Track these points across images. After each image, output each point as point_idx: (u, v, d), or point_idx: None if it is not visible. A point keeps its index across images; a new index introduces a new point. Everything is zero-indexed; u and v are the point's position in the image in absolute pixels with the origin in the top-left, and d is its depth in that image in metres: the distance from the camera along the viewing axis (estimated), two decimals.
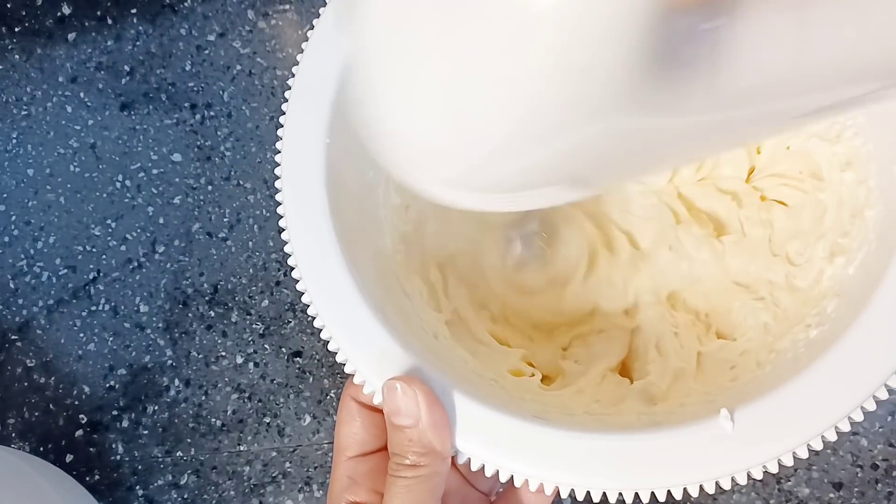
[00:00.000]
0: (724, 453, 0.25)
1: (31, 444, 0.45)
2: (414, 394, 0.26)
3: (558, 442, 0.26)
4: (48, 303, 0.46)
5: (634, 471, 0.25)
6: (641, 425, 0.27)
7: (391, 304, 0.30)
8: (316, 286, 0.28)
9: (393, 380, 0.26)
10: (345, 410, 0.29)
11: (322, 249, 0.29)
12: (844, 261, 0.30)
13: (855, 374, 0.25)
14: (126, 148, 0.48)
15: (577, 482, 0.25)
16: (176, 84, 0.49)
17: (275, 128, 0.47)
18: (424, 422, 0.26)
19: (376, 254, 0.32)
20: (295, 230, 0.29)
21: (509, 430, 0.26)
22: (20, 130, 0.49)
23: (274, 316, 0.45)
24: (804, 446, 0.24)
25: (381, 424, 0.29)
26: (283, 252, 0.46)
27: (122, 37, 0.50)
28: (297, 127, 0.31)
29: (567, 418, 0.28)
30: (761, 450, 0.24)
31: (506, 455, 0.26)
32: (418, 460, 0.26)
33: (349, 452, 0.28)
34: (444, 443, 0.26)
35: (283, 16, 0.49)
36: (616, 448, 0.25)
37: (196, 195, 0.47)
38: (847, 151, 0.31)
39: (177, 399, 0.44)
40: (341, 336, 0.28)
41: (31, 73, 0.50)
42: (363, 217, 0.32)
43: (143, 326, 0.45)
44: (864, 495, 0.40)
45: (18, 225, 0.48)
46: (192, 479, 0.43)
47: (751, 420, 0.25)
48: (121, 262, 0.47)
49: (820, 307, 0.30)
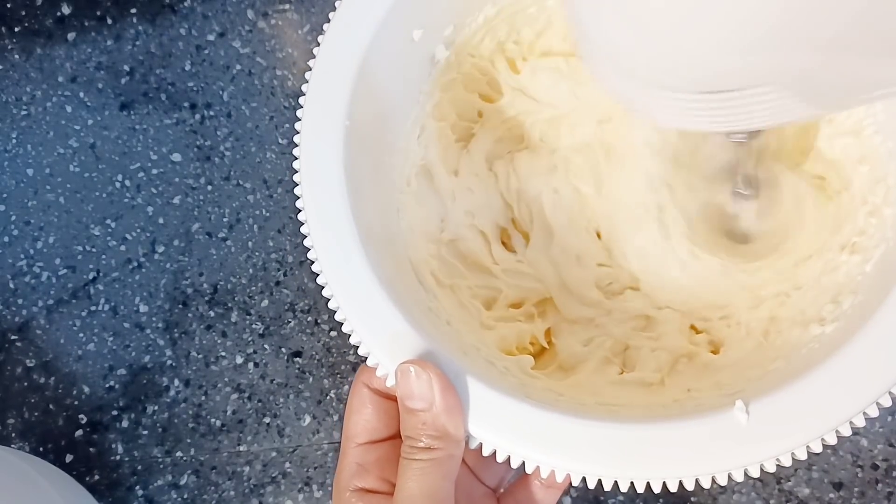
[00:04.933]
0: (736, 445, 0.25)
1: (31, 443, 0.45)
2: (428, 377, 0.26)
3: (571, 430, 0.26)
4: (48, 303, 0.46)
5: (646, 461, 0.25)
6: (654, 416, 0.27)
7: (406, 291, 0.30)
8: (334, 274, 0.28)
9: (406, 363, 0.26)
10: (356, 397, 0.29)
11: (340, 241, 0.29)
12: (861, 259, 0.30)
13: (867, 374, 0.25)
14: (126, 148, 0.48)
15: (589, 470, 0.25)
16: (175, 84, 0.49)
17: (275, 128, 0.47)
18: (438, 405, 0.26)
19: (390, 241, 0.32)
20: (314, 219, 0.29)
21: (522, 416, 0.26)
22: (20, 130, 0.49)
23: (274, 316, 0.45)
24: (818, 441, 0.24)
25: (392, 412, 0.29)
26: (283, 252, 0.46)
27: (122, 37, 0.49)
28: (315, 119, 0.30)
29: (579, 407, 0.28)
30: (774, 443, 0.25)
31: (518, 441, 0.26)
32: (432, 443, 0.26)
33: (359, 439, 0.28)
34: (458, 427, 0.26)
35: (282, 15, 0.49)
36: (628, 437, 0.25)
37: (196, 195, 0.47)
38: (863, 147, 0.31)
39: (176, 399, 0.44)
40: (356, 319, 0.28)
41: (30, 72, 0.50)
42: (380, 205, 0.33)
43: (142, 326, 0.45)
44: (864, 495, 0.40)
45: (18, 225, 0.48)
46: (191, 479, 0.43)
47: (765, 413, 0.25)
48: (120, 262, 0.47)
49: (836, 302, 0.30)
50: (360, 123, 0.31)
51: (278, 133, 0.47)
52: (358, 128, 0.30)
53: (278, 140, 0.47)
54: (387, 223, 0.33)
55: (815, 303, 0.31)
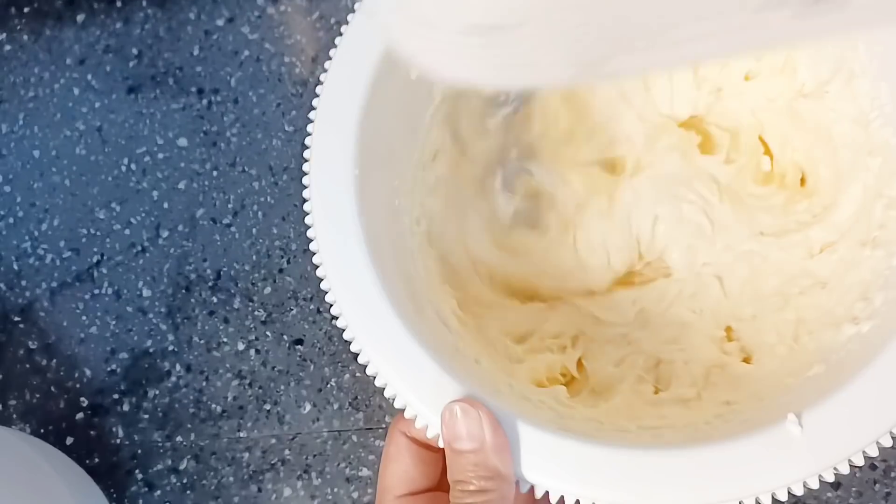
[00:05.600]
0: (793, 459, 0.24)
1: (32, 425, 0.45)
2: (477, 415, 0.25)
3: (619, 461, 0.25)
4: (51, 285, 0.46)
5: (703, 485, 0.24)
6: (700, 436, 0.26)
7: (431, 335, 0.29)
8: (360, 322, 0.28)
9: (453, 403, 0.25)
10: (393, 446, 0.28)
11: (365, 298, 0.28)
12: (885, 252, 0.29)
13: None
14: (132, 132, 0.48)
15: (644, 502, 0.24)
16: (183, 68, 0.48)
17: (281, 115, 0.47)
18: (489, 444, 0.25)
19: (408, 280, 0.32)
20: (336, 278, 0.28)
21: (570, 453, 0.25)
22: (27, 112, 0.49)
23: (276, 303, 0.45)
24: (873, 445, 0.24)
25: (431, 462, 0.28)
26: (287, 239, 0.46)
27: (131, 20, 0.49)
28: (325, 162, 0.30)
29: (623, 435, 0.28)
30: (830, 452, 0.24)
31: (570, 479, 0.25)
32: (485, 485, 0.24)
33: (397, 491, 0.27)
34: (508, 466, 0.25)
35: (292, 2, 0.49)
36: (680, 463, 0.25)
37: (201, 181, 0.47)
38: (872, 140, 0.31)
39: (177, 384, 0.44)
40: (391, 371, 0.27)
41: (39, 54, 0.50)
42: (395, 249, 0.32)
43: (145, 311, 0.46)
44: (861, 495, 0.39)
45: (23, 206, 0.48)
46: (191, 464, 0.44)
47: (817, 422, 0.24)
48: (124, 246, 0.47)
49: (866, 299, 0.29)
50: (367, 169, 0.30)
51: (285, 120, 0.47)
52: (366, 175, 0.30)
53: (285, 127, 0.47)
54: (406, 269, 0.32)
55: (843, 301, 0.30)
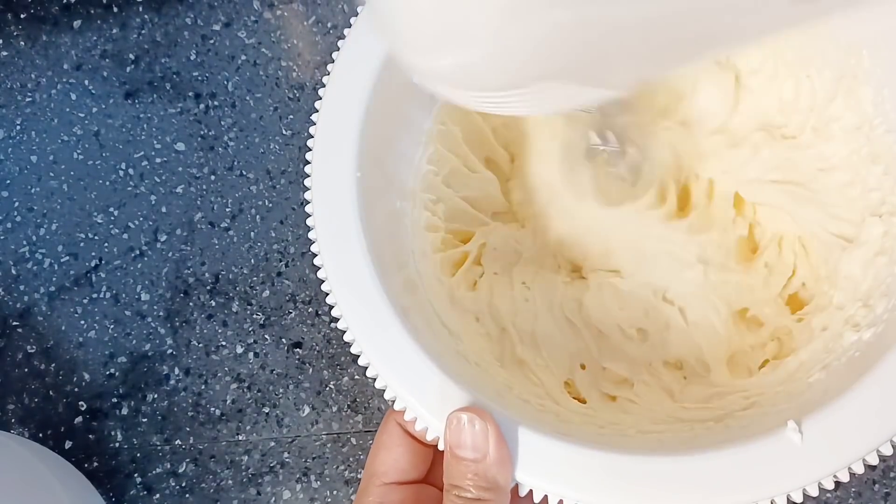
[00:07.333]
0: (793, 466, 0.24)
1: (31, 429, 0.45)
2: (484, 427, 0.25)
3: (621, 467, 0.25)
4: (49, 289, 0.46)
5: (703, 492, 0.24)
6: (700, 442, 0.26)
7: (434, 340, 0.30)
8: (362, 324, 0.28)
9: (461, 411, 0.25)
10: (386, 434, 0.28)
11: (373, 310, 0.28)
12: (887, 259, 0.29)
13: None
14: (130, 136, 0.48)
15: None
16: (180, 73, 0.49)
17: (279, 118, 0.47)
18: (492, 457, 0.25)
19: (409, 282, 0.32)
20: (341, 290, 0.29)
21: (569, 458, 0.25)
22: (24, 117, 0.49)
23: (274, 306, 0.45)
24: (874, 453, 0.24)
25: (422, 455, 0.28)
26: (285, 243, 0.46)
27: (128, 25, 0.49)
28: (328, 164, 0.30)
29: (624, 440, 0.28)
30: (831, 460, 0.24)
31: (567, 484, 0.25)
32: (482, 494, 0.25)
33: (385, 478, 0.27)
34: (507, 479, 0.25)
35: (288, 7, 0.49)
36: (682, 469, 0.25)
37: (199, 185, 0.47)
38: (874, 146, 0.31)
39: (176, 388, 0.44)
40: (390, 373, 0.27)
41: (35, 59, 0.50)
42: (394, 249, 0.32)
43: (143, 315, 0.46)
44: (861, 496, 0.40)
45: (21, 211, 0.48)
46: (190, 467, 0.44)
47: (817, 430, 0.24)
48: (123, 251, 0.47)
49: (868, 306, 0.29)
50: (369, 173, 0.30)
51: (282, 124, 0.47)
52: (368, 178, 0.30)
53: (282, 131, 0.47)
54: (408, 274, 0.32)
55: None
